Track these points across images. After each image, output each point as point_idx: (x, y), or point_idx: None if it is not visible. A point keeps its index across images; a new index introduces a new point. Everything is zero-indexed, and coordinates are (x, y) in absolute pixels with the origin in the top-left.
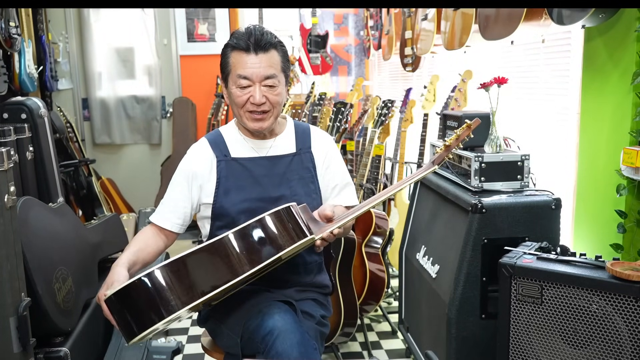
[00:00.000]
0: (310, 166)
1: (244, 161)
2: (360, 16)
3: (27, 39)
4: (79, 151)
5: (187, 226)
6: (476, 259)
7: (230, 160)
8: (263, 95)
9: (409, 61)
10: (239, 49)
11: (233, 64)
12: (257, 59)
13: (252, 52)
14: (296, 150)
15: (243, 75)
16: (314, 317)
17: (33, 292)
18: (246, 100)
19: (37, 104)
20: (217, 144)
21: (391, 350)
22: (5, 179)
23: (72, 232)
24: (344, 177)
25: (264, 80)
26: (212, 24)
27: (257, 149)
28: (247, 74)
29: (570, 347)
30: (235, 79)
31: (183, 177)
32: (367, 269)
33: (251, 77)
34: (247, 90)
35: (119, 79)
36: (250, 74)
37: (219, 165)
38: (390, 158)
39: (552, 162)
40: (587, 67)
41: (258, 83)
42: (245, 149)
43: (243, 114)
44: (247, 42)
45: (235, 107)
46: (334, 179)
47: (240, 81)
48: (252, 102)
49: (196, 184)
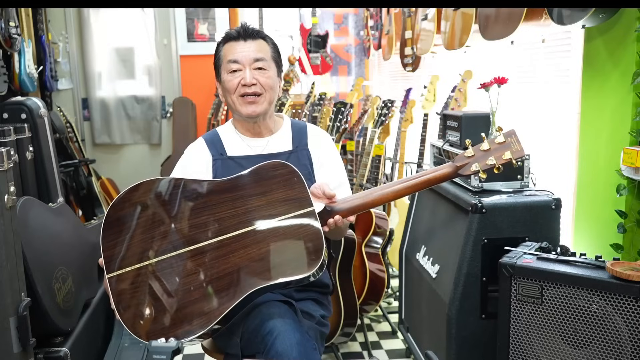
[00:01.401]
0: (307, 163)
1: (240, 159)
2: (360, 16)
3: (27, 39)
4: (79, 151)
5: None
6: (476, 259)
7: (227, 159)
8: (254, 77)
9: (409, 61)
10: (229, 38)
11: (224, 54)
12: (245, 45)
13: (240, 39)
14: (293, 148)
15: (233, 60)
16: (314, 317)
17: (33, 292)
18: (237, 84)
19: (37, 104)
20: (214, 143)
21: (391, 350)
22: (5, 179)
23: (72, 232)
24: (339, 176)
25: (254, 62)
26: (212, 24)
27: (254, 146)
28: (236, 57)
29: (570, 347)
30: (226, 65)
31: (180, 175)
32: (367, 269)
33: (241, 60)
34: (238, 74)
35: (119, 79)
36: (239, 58)
37: (215, 164)
38: (390, 158)
39: (552, 162)
40: (587, 67)
41: (248, 66)
42: (241, 147)
43: (236, 99)
44: (237, 31)
45: (228, 94)
46: (328, 178)
47: (230, 65)
48: (242, 83)
49: None
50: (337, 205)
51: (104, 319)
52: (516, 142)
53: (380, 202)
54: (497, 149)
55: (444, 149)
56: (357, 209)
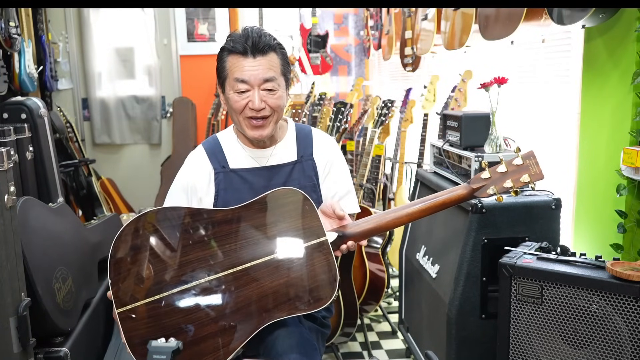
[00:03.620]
0: (312, 174)
1: (242, 172)
2: (360, 16)
3: (27, 39)
4: (79, 151)
5: None
6: (476, 259)
7: (229, 172)
8: (262, 100)
9: (409, 61)
10: (236, 52)
11: (230, 68)
12: (255, 62)
13: (249, 56)
14: (297, 158)
15: (240, 79)
16: (315, 318)
17: (33, 292)
18: (244, 105)
19: (37, 104)
20: (215, 154)
21: (391, 350)
22: (5, 179)
23: (72, 232)
24: (345, 185)
25: (263, 83)
26: (212, 24)
27: (257, 158)
28: (244, 77)
29: (570, 347)
30: (233, 83)
31: (182, 189)
32: (367, 269)
33: (249, 81)
34: (246, 95)
35: (118, 79)
36: (248, 77)
37: (217, 177)
38: (390, 158)
39: (552, 162)
40: (587, 67)
41: (257, 87)
42: (244, 159)
43: (242, 120)
44: (244, 45)
45: (234, 113)
46: (335, 187)
47: (238, 85)
48: (250, 107)
49: (195, 197)
50: (349, 230)
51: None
52: (535, 164)
53: (394, 225)
54: (515, 171)
55: (444, 149)
56: (369, 233)
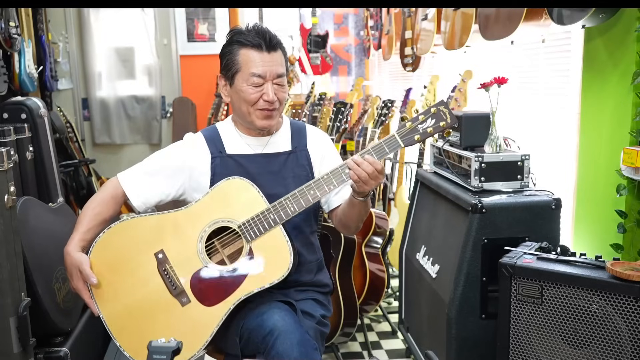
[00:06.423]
0: (306, 164)
1: (239, 158)
2: (360, 16)
3: (27, 39)
4: (79, 151)
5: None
6: (476, 259)
7: (226, 157)
8: (274, 93)
9: (409, 61)
10: (251, 46)
11: (244, 62)
12: (269, 57)
13: (264, 51)
14: (292, 149)
15: (257, 74)
16: (314, 317)
17: (33, 292)
18: (258, 97)
19: (37, 104)
20: (213, 140)
21: (391, 350)
22: (5, 179)
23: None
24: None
25: (276, 78)
26: (212, 24)
27: (253, 145)
28: (261, 72)
29: (570, 347)
30: (248, 77)
31: (174, 165)
32: (367, 269)
33: (265, 75)
34: (260, 88)
35: (118, 79)
36: (264, 72)
37: (213, 161)
38: (390, 158)
39: (552, 162)
40: (587, 67)
41: (270, 81)
42: (241, 146)
43: (253, 111)
44: (260, 41)
45: (245, 104)
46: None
47: (254, 79)
48: (265, 99)
49: (185, 178)
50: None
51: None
52: (447, 113)
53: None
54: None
55: (444, 149)
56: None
